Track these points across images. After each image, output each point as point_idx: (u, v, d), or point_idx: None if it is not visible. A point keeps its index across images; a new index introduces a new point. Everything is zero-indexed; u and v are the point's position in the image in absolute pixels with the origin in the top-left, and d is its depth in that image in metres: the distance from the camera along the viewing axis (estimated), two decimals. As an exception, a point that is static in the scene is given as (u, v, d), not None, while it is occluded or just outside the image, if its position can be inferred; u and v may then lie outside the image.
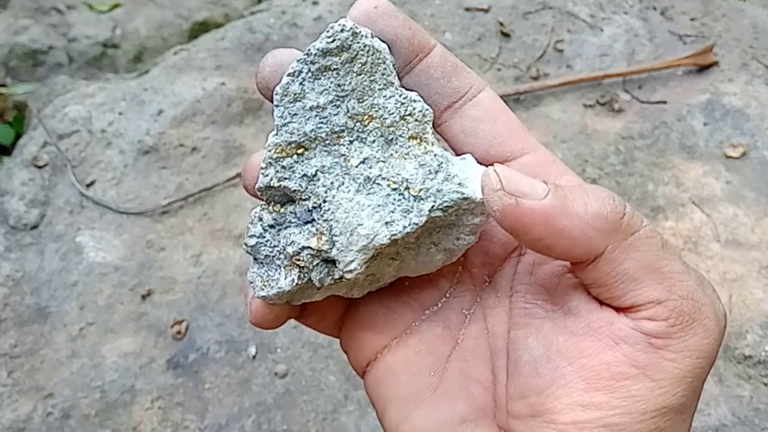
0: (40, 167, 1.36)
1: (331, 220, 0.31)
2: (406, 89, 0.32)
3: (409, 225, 0.30)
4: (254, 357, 1.09)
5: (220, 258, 1.21)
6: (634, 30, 1.57)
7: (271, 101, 0.32)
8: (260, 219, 0.32)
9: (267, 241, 0.32)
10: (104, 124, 1.41)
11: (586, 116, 1.41)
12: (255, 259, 0.33)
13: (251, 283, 0.33)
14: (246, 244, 0.32)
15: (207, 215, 1.29)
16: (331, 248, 0.31)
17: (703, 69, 1.47)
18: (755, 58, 1.48)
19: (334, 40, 0.30)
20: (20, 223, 1.27)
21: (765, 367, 1.01)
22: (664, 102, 1.42)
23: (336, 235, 0.30)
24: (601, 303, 0.30)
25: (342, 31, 0.30)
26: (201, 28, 1.90)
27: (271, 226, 0.32)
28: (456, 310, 0.35)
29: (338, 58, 0.30)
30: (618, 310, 0.29)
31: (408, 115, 0.31)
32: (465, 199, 0.30)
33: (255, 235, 0.32)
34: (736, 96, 1.40)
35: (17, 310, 1.16)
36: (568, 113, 1.41)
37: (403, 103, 0.31)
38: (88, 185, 1.33)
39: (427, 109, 0.31)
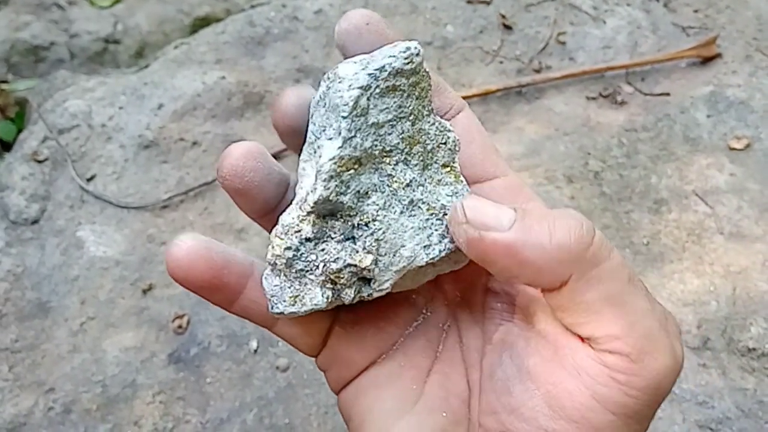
0: (40, 162, 1.36)
1: (381, 239, 0.31)
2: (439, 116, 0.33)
3: (445, 249, 0.32)
4: (256, 351, 1.09)
5: (221, 252, 1.21)
6: (636, 22, 1.56)
7: (289, 144, 0.33)
8: (298, 231, 0.31)
9: (302, 254, 0.31)
10: (104, 119, 1.41)
11: (589, 109, 1.40)
12: (280, 271, 0.32)
13: (272, 296, 0.32)
14: (277, 256, 0.31)
15: (208, 209, 1.28)
16: (374, 267, 0.31)
17: (706, 61, 1.45)
18: (759, 49, 1.47)
19: (410, 62, 0.30)
20: (21, 217, 1.27)
21: (769, 360, 1.00)
22: (668, 94, 1.41)
23: (381, 255, 0.31)
24: (567, 328, 0.30)
25: (418, 54, 0.30)
26: (202, 23, 1.90)
27: (309, 240, 0.31)
28: (434, 324, 0.36)
29: (407, 80, 0.30)
30: (581, 338, 0.29)
31: (443, 143, 0.32)
32: None
33: (291, 248, 0.31)
34: (739, 88, 1.39)
35: (18, 305, 1.16)
36: (571, 106, 1.41)
37: (441, 131, 0.32)
38: (89, 180, 1.33)
39: (457, 140, 0.33)
